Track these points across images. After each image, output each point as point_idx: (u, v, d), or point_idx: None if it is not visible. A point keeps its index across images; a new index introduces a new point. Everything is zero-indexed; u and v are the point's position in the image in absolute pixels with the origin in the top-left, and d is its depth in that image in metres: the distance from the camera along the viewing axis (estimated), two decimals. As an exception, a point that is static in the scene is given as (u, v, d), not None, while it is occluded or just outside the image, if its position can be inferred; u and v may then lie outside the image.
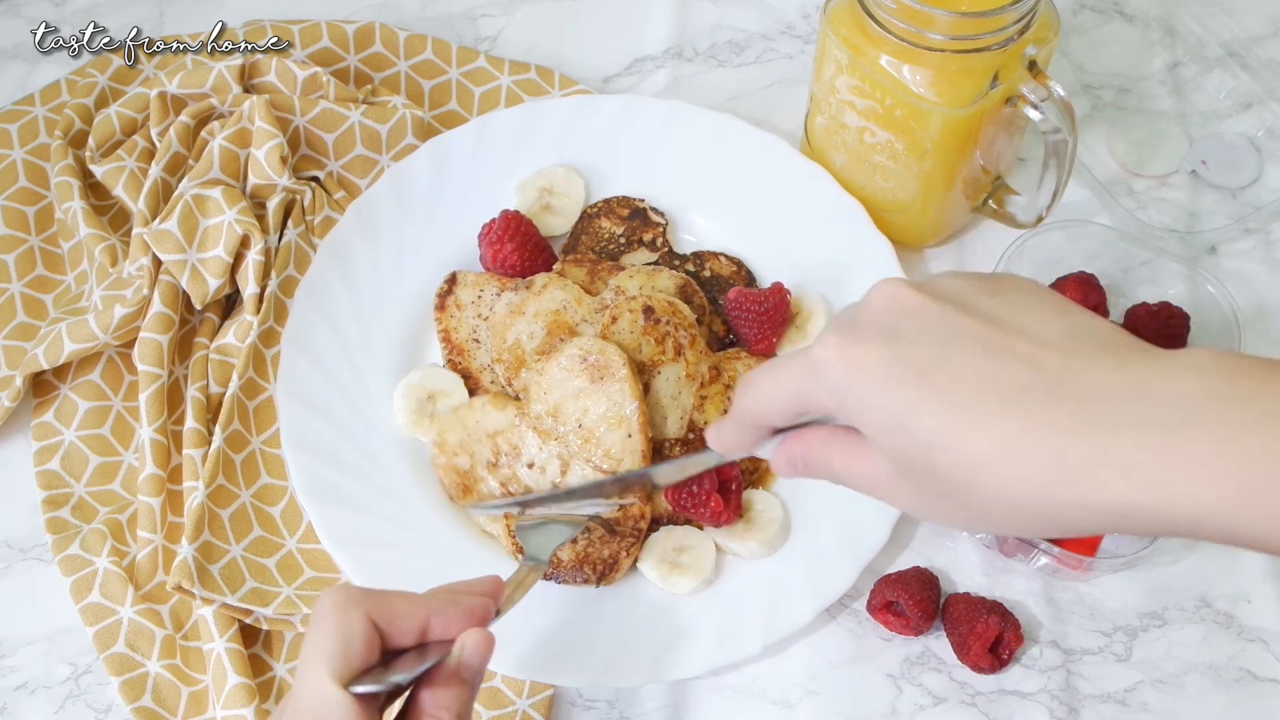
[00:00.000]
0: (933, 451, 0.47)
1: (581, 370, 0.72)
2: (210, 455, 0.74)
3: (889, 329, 0.49)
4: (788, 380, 0.51)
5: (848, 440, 0.52)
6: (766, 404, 0.53)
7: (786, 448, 0.55)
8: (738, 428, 0.56)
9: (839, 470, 0.53)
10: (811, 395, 0.50)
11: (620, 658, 0.68)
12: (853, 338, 0.49)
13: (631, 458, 0.71)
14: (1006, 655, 0.69)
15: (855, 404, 0.49)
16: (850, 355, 0.48)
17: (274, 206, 0.81)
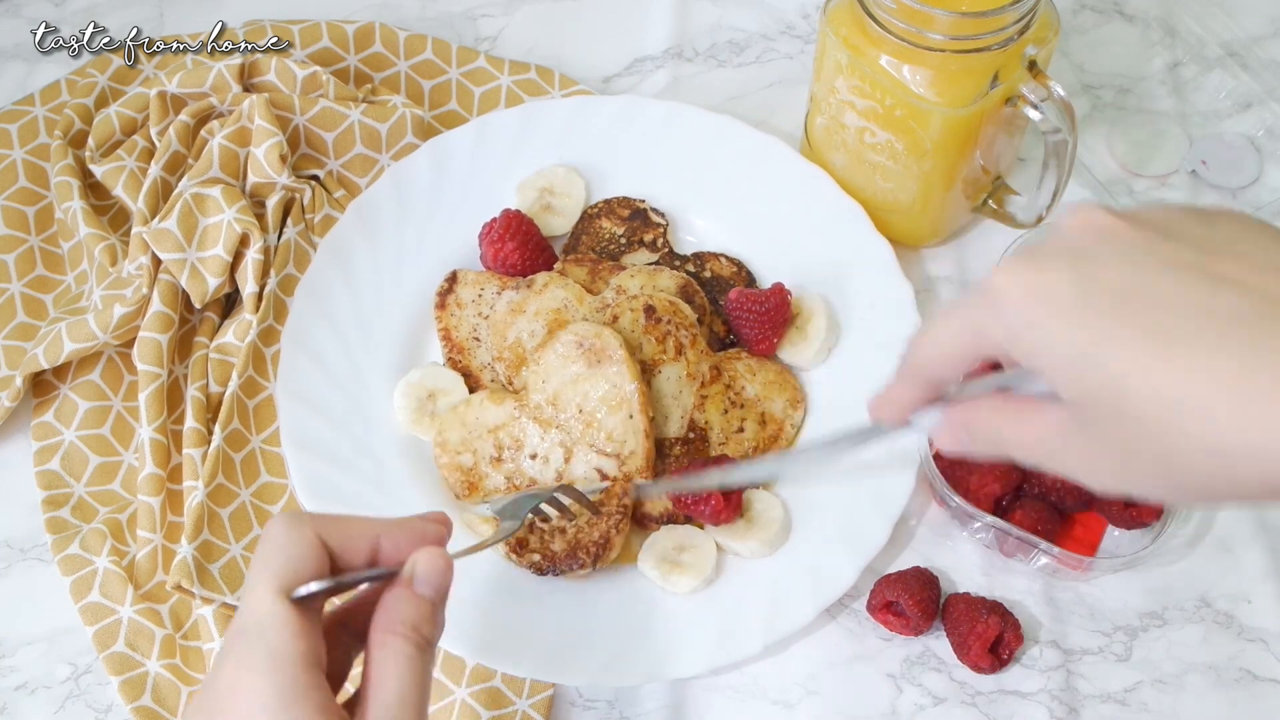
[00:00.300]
0: (1125, 390, 0.40)
1: (578, 355, 0.72)
2: (210, 454, 0.74)
3: (1079, 251, 0.43)
4: (961, 317, 0.46)
5: (1018, 403, 0.47)
6: (939, 349, 0.48)
7: (951, 418, 0.50)
8: (908, 383, 0.50)
9: (1007, 436, 0.47)
10: (986, 330, 0.45)
11: (620, 658, 0.68)
12: (1035, 262, 0.43)
13: (634, 439, 0.71)
14: (1006, 655, 0.69)
15: (1034, 337, 0.43)
16: (1030, 280, 0.43)
17: (273, 205, 0.81)
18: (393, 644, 0.47)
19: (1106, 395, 0.41)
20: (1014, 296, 0.43)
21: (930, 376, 0.50)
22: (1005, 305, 0.44)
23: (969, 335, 0.46)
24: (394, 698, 0.46)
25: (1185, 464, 0.41)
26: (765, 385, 0.77)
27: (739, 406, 0.76)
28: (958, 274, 0.84)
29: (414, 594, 0.49)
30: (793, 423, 0.76)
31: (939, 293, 0.83)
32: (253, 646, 0.45)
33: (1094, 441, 0.43)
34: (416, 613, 0.48)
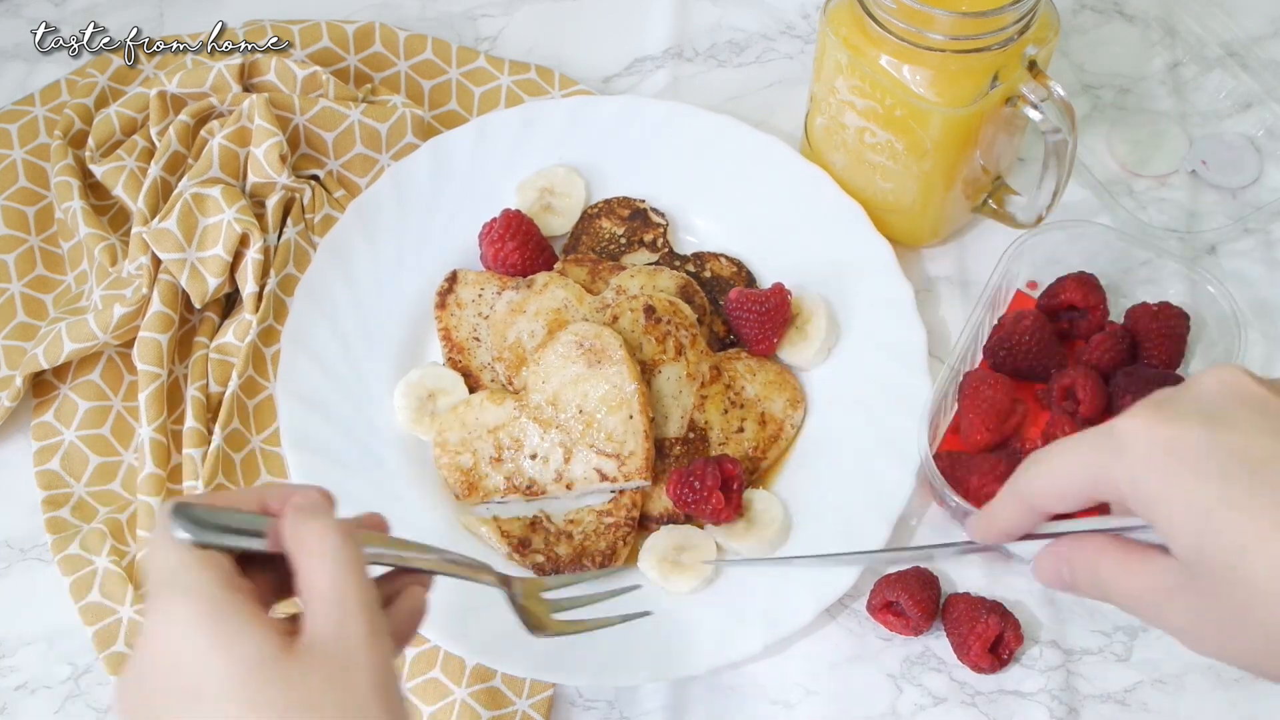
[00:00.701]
0: (1244, 556, 0.40)
1: (579, 355, 0.72)
2: (210, 454, 0.74)
3: (1215, 412, 0.43)
4: (1082, 454, 0.46)
5: (1123, 548, 0.46)
6: (1054, 481, 0.47)
7: (1054, 551, 0.49)
8: (1015, 507, 0.50)
9: (1106, 581, 0.47)
10: (1106, 474, 0.44)
11: (620, 657, 0.68)
12: (1167, 413, 0.43)
13: (634, 439, 0.71)
14: (1006, 655, 0.69)
15: (1156, 489, 0.43)
16: (1160, 431, 0.43)
17: (273, 205, 0.81)
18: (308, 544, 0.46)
19: (1223, 559, 0.41)
20: (1141, 445, 0.43)
21: (1039, 507, 0.49)
22: (1131, 452, 0.44)
23: (1088, 475, 0.46)
24: (331, 589, 0.45)
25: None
26: (765, 385, 0.77)
27: (739, 406, 0.76)
28: (958, 274, 0.84)
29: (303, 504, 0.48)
30: (793, 423, 0.76)
31: (939, 293, 0.83)
32: (167, 592, 0.45)
33: (1202, 604, 0.43)
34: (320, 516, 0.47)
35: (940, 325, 0.82)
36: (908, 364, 0.76)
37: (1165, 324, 0.76)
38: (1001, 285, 0.78)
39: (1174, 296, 0.78)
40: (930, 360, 0.77)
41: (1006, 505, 0.50)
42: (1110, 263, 0.80)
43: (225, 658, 0.43)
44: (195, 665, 0.43)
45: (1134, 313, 0.77)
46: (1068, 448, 0.47)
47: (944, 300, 0.83)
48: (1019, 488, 0.50)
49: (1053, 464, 0.47)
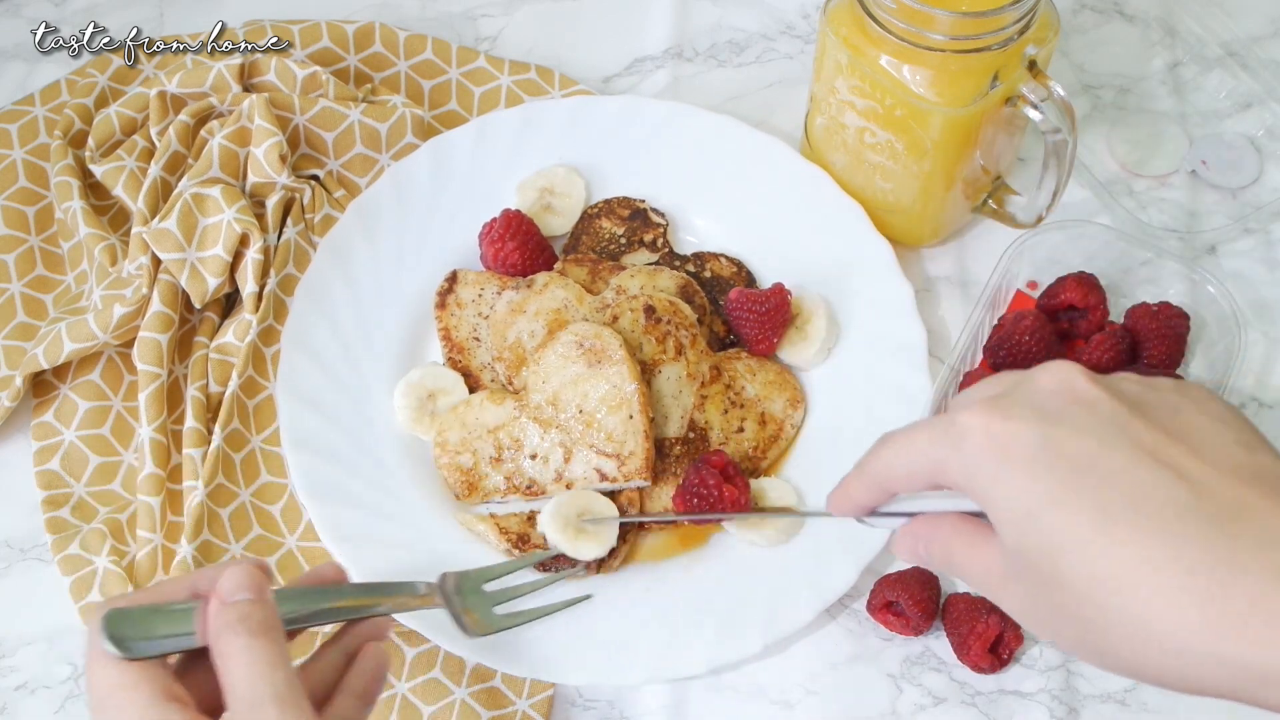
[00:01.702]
0: (1061, 555, 0.42)
1: (579, 356, 0.73)
2: (210, 454, 0.74)
3: (1050, 412, 0.44)
4: (922, 442, 0.47)
5: (974, 530, 0.48)
6: (896, 464, 0.49)
7: (912, 530, 0.51)
8: (865, 485, 0.51)
9: (957, 560, 0.48)
10: (943, 463, 0.46)
11: (620, 657, 0.68)
12: (1004, 411, 0.44)
13: (634, 439, 0.71)
14: (1006, 655, 0.69)
15: (987, 482, 0.44)
16: (996, 428, 0.44)
17: (273, 205, 0.81)
18: (223, 645, 0.47)
19: (1043, 556, 0.43)
20: (976, 440, 0.44)
21: (886, 485, 0.51)
22: (967, 446, 0.45)
23: (928, 463, 0.47)
24: (244, 685, 0.46)
25: (1107, 637, 0.42)
26: (765, 385, 0.77)
27: (739, 406, 0.76)
28: (958, 274, 0.84)
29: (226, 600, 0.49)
30: (793, 422, 0.76)
31: (939, 292, 0.83)
32: (102, 713, 0.47)
33: (1029, 592, 0.45)
34: (235, 612, 0.48)
35: (940, 325, 0.82)
36: (908, 364, 0.76)
37: (1165, 324, 0.76)
38: (1001, 285, 0.78)
39: (1174, 296, 0.78)
40: (930, 360, 0.77)
41: (858, 482, 0.51)
42: (1110, 263, 0.80)
43: None
44: None
45: (1134, 313, 0.77)
46: (912, 435, 0.48)
47: (944, 300, 0.83)
48: (867, 467, 0.51)
49: (898, 449, 0.49)
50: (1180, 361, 0.77)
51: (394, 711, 0.69)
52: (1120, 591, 0.41)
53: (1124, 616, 0.41)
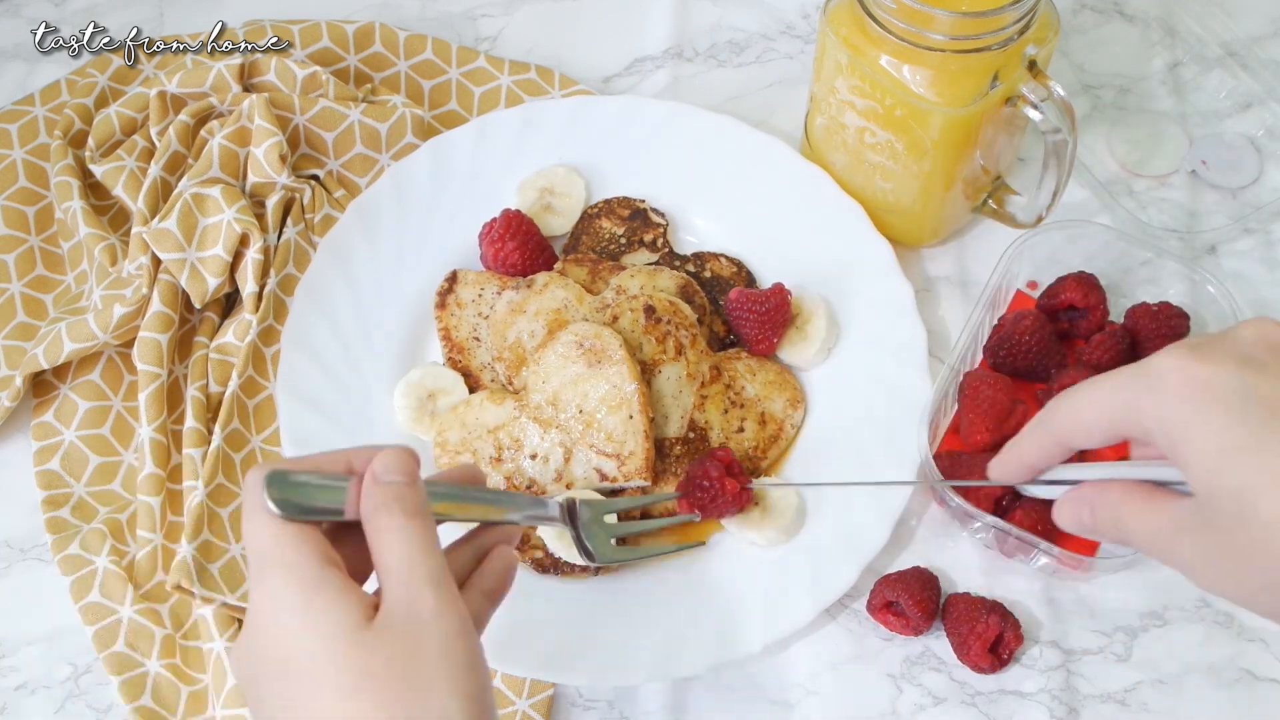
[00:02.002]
0: (1257, 497, 0.42)
1: (579, 356, 0.72)
2: (210, 454, 0.74)
3: (1250, 359, 0.44)
4: (1114, 389, 0.47)
5: (1145, 492, 0.48)
6: (1083, 415, 0.48)
7: (1077, 495, 0.51)
8: (1042, 442, 0.51)
9: (1128, 523, 0.48)
10: (1137, 409, 0.46)
11: (620, 657, 0.68)
12: (1202, 354, 0.45)
13: (634, 439, 0.71)
14: (1006, 655, 0.69)
15: (1183, 423, 0.44)
16: (1195, 371, 0.44)
17: (273, 205, 0.81)
18: (379, 522, 0.49)
19: (1238, 499, 0.43)
20: (1174, 382, 0.44)
21: (1067, 442, 0.50)
22: (1164, 389, 0.45)
23: (1119, 409, 0.47)
24: (401, 564, 0.48)
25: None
26: (765, 385, 0.77)
27: (739, 406, 0.76)
28: (958, 274, 0.84)
29: (382, 482, 0.50)
30: (793, 422, 0.76)
31: (939, 293, 0.83)
32: (265, 568, 0.47)
33: (1212, 541, 0.45)
34: (391, 492, 0.49)
35: (940, 325, 0.82)
36: (908, 364, 0.76)
37: (1165, 324, 0.76)
38: (1001, 285, 0.78)
39: (1174, 296, 0.78)
40: (930, 360, 0.77)
41: (1034, 439, 0.51)
42: (1110, 263, 0.80)
43: (313, 632, 0.46)
44: (288, 638, 0.46)
45: (1134, 313, 0.77)
46: (1100, 382, 0.48)
47: (944, 300, 0.83)
48: (1048, 422, 0.50)
49: (1083, 398, 0.48)
50: (1180, 361, 0.77)
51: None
52: None
53: None
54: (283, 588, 0.47)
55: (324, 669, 0.45)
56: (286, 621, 0.46)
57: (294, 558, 0.47)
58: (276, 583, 0.47)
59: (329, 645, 0.46)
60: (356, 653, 0.45)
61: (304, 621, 0.46)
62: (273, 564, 0.47)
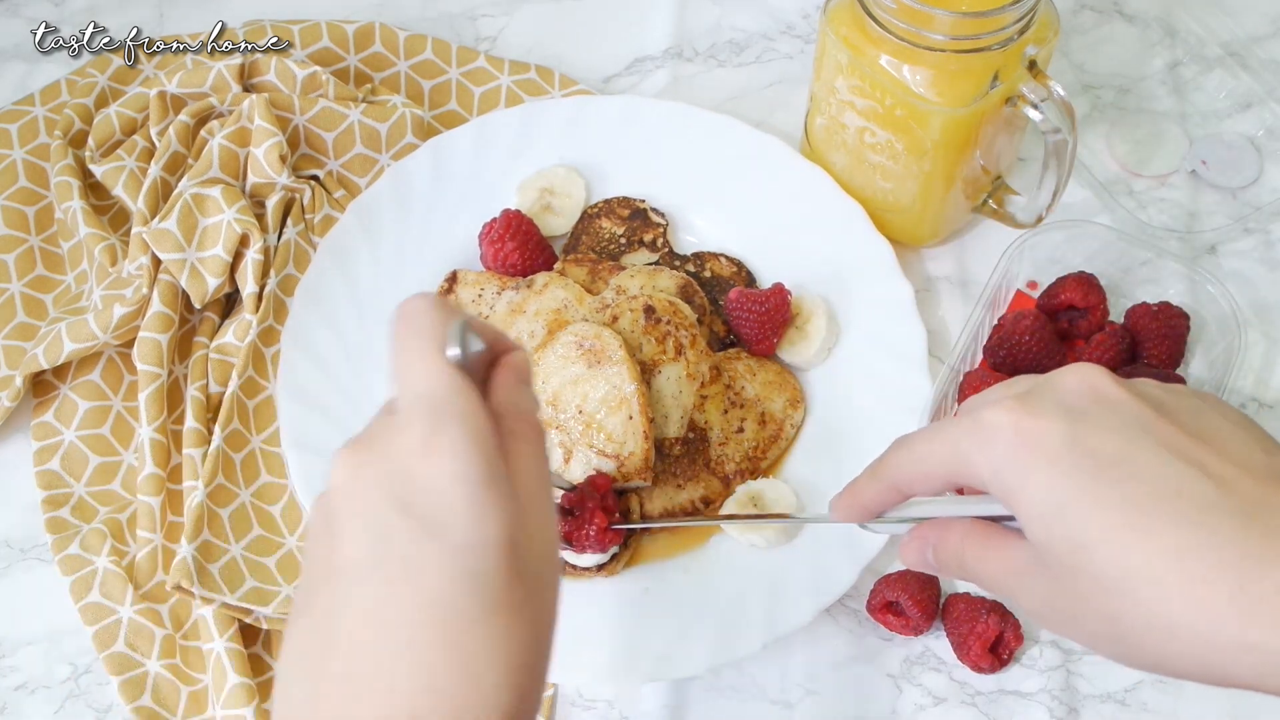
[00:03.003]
0: (1088, 549, 0.43)
1: (578, 356, 0.72)
2: (210, 454, 0.74)
3: (1076, 410, 0.45)
4: (948, 439, 0.47)
5: (986, 532, 0.49)
6: (918, 465, 0.49)
7: (920, 534, 0.51)
8: (877, 487, 0.51)
9: (970, 563, 0.49)
10: (969, 460, 0.46)
11: (620, 657, 0.68)
12: (1031, 407, 0.45)
13: (634, 439, 0.71)
14: (1006, 655, 0.69)
15: (1015, 479, 0.45)
16: (1025, 424, 0.45)
17: (273, 205, 0.81)
18: (528, 434, 0.45)
19: (1071, 550, 0.44)
20: (1005, 436, 0.45)
21: (902, 489, 0.51)
22: (995, 442, 0.45)
23: (951, 460, 0.47)
24: (543, 492, 0.44)
25: (1132, 631, 0.43)
26: (765, 385, 0.77)
27: (739, 406, 0.76)
28: (958, 274, 0.84)
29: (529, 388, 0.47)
30: (792, 422, 0.76)
31: (939, 293, 0.83)
32: (444, 416, 0.42)
33: (1051, 588, 0.45)
34: (534, 401, 0.47)
35: (940, 325, 0.82)
36: (908, 364, 0.76)
37: (1165, 324, 0.76)
38: (1001, 285, 0.78)
39: (1174, 296, 0.78)
40: (930, 360, 0.77)
41: (870, 484, 0.51)
42: (1110, 263, 0.80)
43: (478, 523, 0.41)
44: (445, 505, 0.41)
45: (1134, 313, 0.77)
46: (934, 433, 0.48)
47: (944, 300, 0.83)
48: (882, 470, 0.51)
49: (918, 448, 0.49)
50: (1180, 361, 0.77)
51: None
52: (1149, 582, 0.42)
53: (1152, 607, 0.42)
54: (466, 452, 0.41)
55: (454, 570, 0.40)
56: (448, 489, 0.41)
57: (478, 425, 0.42)
58: (461, 443, 0.41)
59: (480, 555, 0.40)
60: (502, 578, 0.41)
61: (470, 508, 0.41)
62: (453, 418, 0.42)
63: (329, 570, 0.42)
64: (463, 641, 0.41)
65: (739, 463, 0.74)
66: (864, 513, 0.53)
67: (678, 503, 0.73)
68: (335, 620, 0.41)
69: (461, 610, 0.40)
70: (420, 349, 0.44)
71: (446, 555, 0.41)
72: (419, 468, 0.42)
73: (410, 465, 0.42)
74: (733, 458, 0.75)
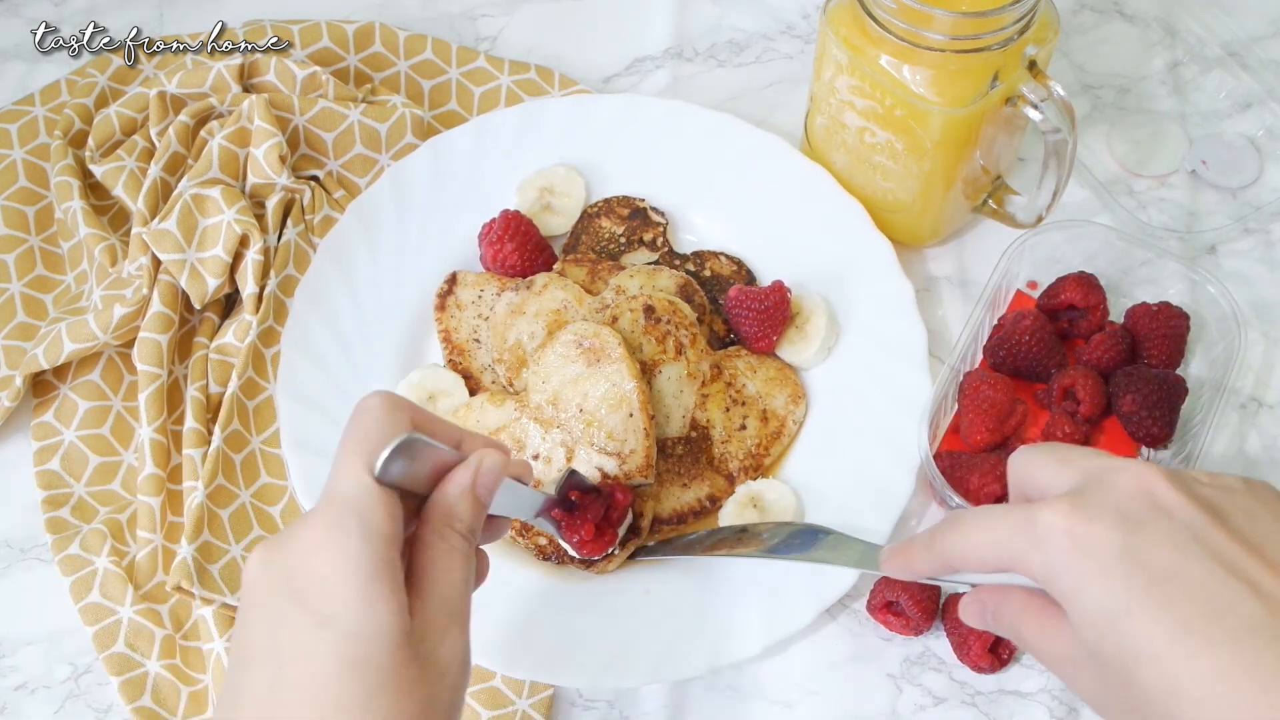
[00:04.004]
0: (1139, 663, 0.44)
1: (578, 355, 0.72)
2: (210, 455, 0.74)
3: (1131, 518, 0.45)
4: (1002, 534, 0.48)
5: (1043, 610, 0.49)
6: (972, 548, 0.49)
7: (980, 597, 0.52)
8: (930, 560, 0.52)
9: (1027, 638, 0.50)
10: (1023, 557, 0.47)
11: (620, 658, 0.68)
12: (1088, 513, 0.45)
13: (635, 438, 0.71)
14: (1006, 655, 0.69)
15: (1069, 584, 0.46)
16: (1080, 530, 0.45)
17: (273, 205, 0.81)
18: (452, 540, 0.49)
19: (1122, 661, 0.44)
20: (1059, 541, 0.45)
21: (954, 564, 0.51)
22: (1049, 545, 0.46)
23: (1004, 554, 0.48)
24: (453, 590, 0.48)
25: None
26: (766, 382, 0.77)
27: (740, 404, 0.76)
28: (958, 274, 0.84)
29: (474, 495, 0.51)
30: (795, 419, 0.76)
31: (939, 292, 0.83)
32: (345, 517, 0.46)
33: (1101, 687, 0.46)
34: (472, 513, 0.50)
35: (940, 325, 0.82)
36: (908, 364, 0.76)
37: (1165, 324, 0.76)
38: (1001, 285, 0.78)
39: (1174, 296, 0.78)
40: (930, 360, 0.77)
41: (924, 555, 0.52)
42: (1110, 263, 0.80)
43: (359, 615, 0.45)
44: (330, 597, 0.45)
45: (1134, 313, 0.77)
46: (988, 524, 0.49)
47: (944, 300, 0.83)
48: (936, 546, 0.51)
49: (972, 535, 0.49)
50: (1180, 361, 0.77)
51: None
52: (1195, 702, 0.42)
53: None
54: (357, 550, 0.46)
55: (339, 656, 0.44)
56: (338, 581, 0.45)
57: (377, 525, 0.46)
58: (354, 541, 0.46)
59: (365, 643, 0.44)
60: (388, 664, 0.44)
61: (356, 600, 0.45)
62: (354, 519, 0.46)
63: (235, 659, 0.47)
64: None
65: (742, 460, 0.74)
66: (916, 576, 0.54)
67: (684, 502, 0.73)
68: (237, 704, 0.46)
69: (350, 693, 0.44)
70: (350, 455, 0.48)
71: (335, 643, 0.44)
72: (314, 562, 0.46)
73: (308, 560, 0.46)
74: (736, 455, 0.75)
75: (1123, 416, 0.74)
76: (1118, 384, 0.74)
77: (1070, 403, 0.74)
